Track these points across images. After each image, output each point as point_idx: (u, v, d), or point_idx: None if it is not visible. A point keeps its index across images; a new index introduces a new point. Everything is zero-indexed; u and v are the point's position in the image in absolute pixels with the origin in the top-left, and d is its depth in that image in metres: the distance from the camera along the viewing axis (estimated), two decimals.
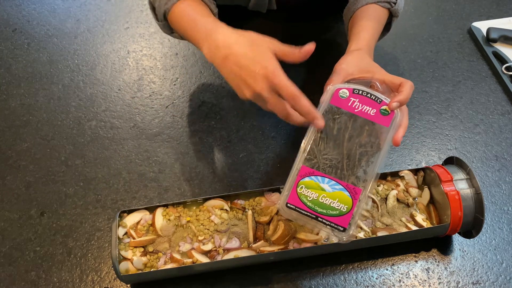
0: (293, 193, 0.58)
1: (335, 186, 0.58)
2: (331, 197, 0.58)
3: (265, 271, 0.70)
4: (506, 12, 1.07)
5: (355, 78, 0.64)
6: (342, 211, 0.57)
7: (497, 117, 0.89)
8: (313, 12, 1.07)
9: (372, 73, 0.64)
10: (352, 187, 0.58)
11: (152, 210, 0.70)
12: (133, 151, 0.85)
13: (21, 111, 0.92)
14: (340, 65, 0.65)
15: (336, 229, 0.57)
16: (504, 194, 0.79)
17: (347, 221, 0.57)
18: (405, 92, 0.60)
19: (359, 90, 0.60)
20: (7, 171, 0.83)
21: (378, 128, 0.59)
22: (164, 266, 0.65)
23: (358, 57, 0.67)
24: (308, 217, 0.58)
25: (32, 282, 0.70)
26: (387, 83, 0.63)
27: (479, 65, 0.98)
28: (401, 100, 0.59)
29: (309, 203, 0.58)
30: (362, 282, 0.69)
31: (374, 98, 0.60)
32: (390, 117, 0.59)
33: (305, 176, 0.58)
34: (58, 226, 0.76)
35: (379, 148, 0.59)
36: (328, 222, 0.58)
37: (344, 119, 0.60)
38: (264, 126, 0.88)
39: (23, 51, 1.03)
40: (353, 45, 0.70)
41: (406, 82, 0.61)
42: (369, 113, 0.60)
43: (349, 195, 0.58)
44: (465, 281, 0.69)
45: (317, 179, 0.58)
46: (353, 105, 0.60)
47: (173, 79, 0.97)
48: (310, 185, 0.58)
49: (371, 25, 0.72)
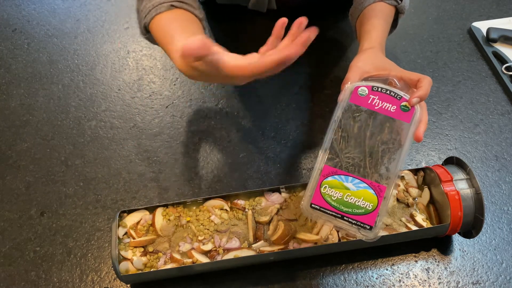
0: (317, 193, 0.58)
1: (359, 184, 0.57)
2: (355, 195, 0.57)
3: (265, 271, 0.70)
4: (506, 12, 1.07)
5: (371, 76, 0.64)
6: (367, 209, 0.57)
7: (497, 117, 0.89)
8: (313, 12, 1.07)
9: (388, 70, 0.64)
10: (376, 185, 0.57)
11: (152, 210, 0.70)
12: (133, 151, 0.85)
13: (21, 111, 0.92)
14: (356, 63, 0.65)
15: (363, 227, 0.57)
16: (504, 194, 0.79)
17: (374, 219, 0.57)
18: (424, 87, 0.59)
19: (378, 87, 0.60)
20: (7, 171, 0.83)
21: (399, 125, 0.59)
22: (164, 266, 0.65)
23: (372, 55, 0.66)
24: (333, 216, 0.58)
25: (32, 282, 0.70)
26: (405, 79, 0.62)
27: (479, 65, 0.98)
28: (421, 96, 0.59)
29: (333, 203, 0.57)
30: (362, 282, 0.69)
31: (394, 95, 0.60)
32: (411, 113, 0.59)
33: (328, 175, 0.58)
34: (58, 226, 0.76)
35: (400, 144, 0.58)
36: (354, 221, 0.57)
37: (364, 117, 0.59)
38: (264, 126, 0.88)
39: (23, 51, 1.03)
40: (365, 44, 0.69)
41: (425, 78, 0.61)
42: (389, 109, 0.59)
43: (374, 193, 0.57)
44: (465, 281, 0.69)
45: (340, 178, 0.58)
46: (373, 102, 0.60)
47: (173, 79, 0.97)
48: (334, 185, 0.58)
49: (380, 23, 0.73)
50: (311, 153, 0.84)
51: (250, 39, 1.04)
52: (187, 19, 0.68)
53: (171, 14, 0.67)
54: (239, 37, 1.03)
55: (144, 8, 0.69)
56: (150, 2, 0.68)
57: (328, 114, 0.89)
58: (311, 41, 0.49)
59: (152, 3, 0.67)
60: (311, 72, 0.96)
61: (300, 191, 0.72)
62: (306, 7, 1.08)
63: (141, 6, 0.70)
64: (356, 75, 0.63)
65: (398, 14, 0.78)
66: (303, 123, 0.88)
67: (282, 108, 0.90)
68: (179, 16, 0.67)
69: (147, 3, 0.68)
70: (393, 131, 0.59)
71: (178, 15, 0.67)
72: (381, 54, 0.68)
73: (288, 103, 0.91)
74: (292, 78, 0.95)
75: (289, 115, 0.89)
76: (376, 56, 0.67)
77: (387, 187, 0.57)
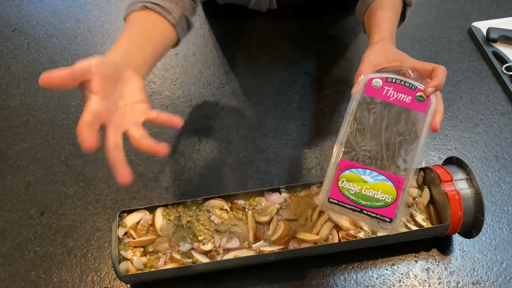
0: (335, 187, 0.57)
1: (377, 177, 0.57)
2: (374, 188, 0.57)
3: (265, 271, 0.70)
4: (506, 12, 1.07)
5: (384, 68, 0.63)
6: (387, 202, 0.56)
7: (497, 117, 0.89)
8: (313, 11, 1.07)
9: (401, 61, 0.63)
10: (395, 177, 0.57)
11: (152, 210, 0.70)
12: (133, 151, 0.85)
13: (21, 111, 0.92)
14: (368, 55, 0.64)
15: (383, 220, 0.56)
16: (504, 194, 0.79)
17: (393, 212, 0.56)
18: (439, 77, 0.59)
19: (392, 79, 0.60)
20: (7, 171, 0.83)
21: (415, 115, 0.58)
22: (164, 266, 0.65)
23: (384, 47, 0.66)
24: (352, 210, 0.57)
25: (32, 282, 0.70)
26: (418, 70, 0.62)
27: (479, 65, 0.98)
28: (436, 85, 0.58)
29: (352, 196, 0.57)
30: (362, 282, 0.69)
31: (409, 85, 0.59)
32: (426, 103, 0.59)
33: (345, 169, 0.57)
34: (58, 226, 0.76)
35: (417, 135, 0.58)
36: (374, 214, 0.56)
37: (379, 109, 0.59)
38: (264, 126, 0.88)
39: (23, 51, 1.03)
40: (376, 36, 0.69)
41: (439, 67, 0.60)
42: (404, 100, 0.59)
43: (393, 185, 0.56)
44: (465, 281, 0.69)
45: (358, 171, 0.57)
46: (388, 93, 0.59)
47: (173, 79, 0.97)
48: (351, 178, 0.57)
49: (389, 15, 0.72)
50: (311, 153, 0.84)
51: (251, 39, 1.04)
52: (151, 25, 0.66)
53: (140, 16, 0.65)
54: (239, 37, 1.03)
55: (129, 1, 0.68)
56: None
57: (328, 114, 0.89)
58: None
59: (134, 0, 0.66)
60: (311, 72, 0.96)
61: (301, 191, 0.72)
62: (306, 6, 1.08)
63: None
64: (369, 67, 0.62)
65: (406, 7, 0.78)
66: (303, 123, 0.88)
67: (282, 108, 0.90)
68: (145, 20, 0.65)
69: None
70: (409, 122, 0.58)
71: (145, 19, 0.65)
72: (392, 45, 0.67)
73: (288, 103, 0.91)
74: (292, 78, 0.95)
75: (289, 115, 0.89)
76: (387, 47, 0.66)
77: (406, 178, 0.57)
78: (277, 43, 1.02)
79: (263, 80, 0.95)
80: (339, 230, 0.68)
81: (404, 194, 0.56)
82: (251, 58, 0.99)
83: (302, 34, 1.04)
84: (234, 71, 0.97)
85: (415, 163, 0.57)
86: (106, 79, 0.50)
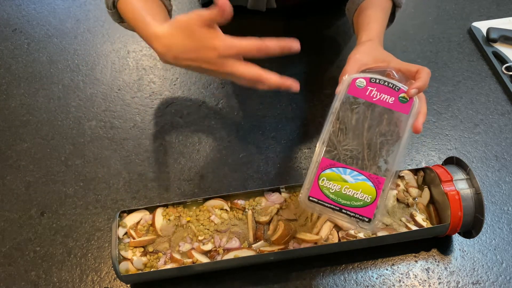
0: (315, 186, 0.57)
1: (358, 176, 0.57)
2: (354, 188, 0.57)
3: (265, 271, 0.70)
4: (506, 12, 1.07)
5: (370, 68, 0.63)
6: (366, 202, 0.56)
7: (497, 117, 0.89)
8: (312, 11, 1.07)
9: (387, 62, 0.64)
10: (375, 177, 0.57)
11: (152, 210, 0.70)
12: (133, 151, 0.85)
13: (21, 111, 0.92)
14: (354, 55, 0.65)
15: (361, 220, 0.56)
16: (504, 194, 0.79)
17: (372, 212, 0.56)
18: (423, 78, 0.59)
19: (376, 79, 0.60)
20: (7, 171, 0.83)
21: (397, 116, 0.58)
22: (164, 266, 0.65)
23: (371, 47, 0.66)
24: (332, 209, 0.57)
25: (32, 282, 0.70)
26: (403, 71, 0.62)
27: (479, 65, 0.98)
28: (419, 87, 0.58)
29: (332, 195, 0.57)
30: (362, 282, 0.69)
31: (392, 86, 0.59)
32: (409, 105, 0.59)
33: (326, 168, 0.58)
34: (58, 226, 0.76)
35: (399, 136, 0.58)
36: (353, 213, 0.56)
37: (362, 109, 0.59)
38: (264, 126, 0.88)
39: (23, 51, 1.03)
40: (364, 36, 0.69)
41: (423, 69, 0.61)
42: (387, 101, 0.59)
43: (373, 185, 0.57)
44: (465, 281, 0.69)
45: (338, 170, 0.57)
46: (371, 94, 0.59)
47: (173, 79, 0.97)
48: (332, 177, 0.57)
49: (378, 16, 0.72)
50: (311, 153, 0.84)
51: None
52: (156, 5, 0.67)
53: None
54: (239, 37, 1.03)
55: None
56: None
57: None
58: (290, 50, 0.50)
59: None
60: (311, 72, 0.96)
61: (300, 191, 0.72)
62: (305, 6, 1.08)
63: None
64: (354, 67, 0.62)
65: (395, 8, 0.78)
66: (303, 123, 0.88)
67: (282, 108, 0.90)
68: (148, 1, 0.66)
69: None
70: (392, 123, 0.58)
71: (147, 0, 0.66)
72: (379, 46, 0.68)
73: (288, 103, 0.91)
74: (295, 75, 0.95)
75: (289, 115, 0.89)
76: (374, 48, 0.66)
77: (386, 179, 0.57)
78: None
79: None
80: (339, 230, 0.68)
81: (384, 194, 0.57)
82: (251, 58, 0.99)
83: (301, 33, 1.04)
84: None
85: (396, 164, 0.57)
86: None
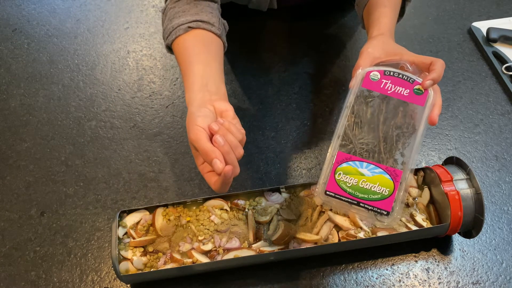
0: (331, 180, 0.57)
1: (375, 170, 0.57)
2: (371, 181, 0.56)
3: (265, 271, 0.70)
4: (506, 12, 1.07)
5: (383, 61, 0.63)
6: (384, 195, 0.56)
7: (497, 117, 0.89)
8: (313, 10, 1.07)
9: (400, 55, 0.63)
10: (392, 170, 0.56)
11: (152, 210, 0.70)
12: (133, 151, 0.85)
13: (21, 111, 0.92)
14: (367, 49, 0.64)
15: (380, 213, 0.56)
16: (504, 194, 0.79)
17: (390, 205, 0.56)
18: (438, 70, 0.59)
19: (390, 72, 0.60)
20: (7, 171, 0.83)
21: (413, 109, 0.58)
22: (164, 266, 0.65)
23: (382, 41, 0.66)
24: (349, 203, 0.57)
25: (32, 282, 0.70)
26: (417, 63, 0.62)
27: (479, 65, 0.98)
28: (434, 78, 0.58)
29: (349, 189, 0.56)
30: (362, 282, 0.69)
31: (406, 79, 0.59)
32: (424, 97, 0.58)
33: (342, 162, 0.57)
34: (58, 226, 0.76)
35: (415, 129, 0.58)
36: (371, 207, 0.56)
37: (377, 102, 0.59)
38: (264, 126, 0.88)
39: (23, 51, 1.03)
40: (375, 31, 0.69)
41: (437, 61, 0.60)
42: (402, 93, 0.59)
43: (390, 178, 0.56)
44: (465, 281, 0.69)
45: (355, 164, 0.57)
46: (386, 86, 0.59)
47: (173, 79, 0.97)
48: (349, 171, 0.57)
49: (389, 11, 0.72)
50: (311, 153, 0.84)
51: (251, 39, 1.04)
52: (205, 40, 0.67)
53: (189, 37, 0.67)
54: (239, 37, 1.03)
55: (166, 28, 0.69)
56: (170, 23, 0.68)
57: (328, 114, 0.89)
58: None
59: (172, 24, 0.67)
60: (311, 72, 0.96)
61: (301, 191, 0.72)
62: (306, 6, 1.08)
63: (163, 25, 0.70)
64: (367, 61, 0.62)
65: (405, 2, 0.78)
66: (303, 123, 0.88)
67: (282, 108, 0.91)
68: (197, 38, 0.67)
69: (168, 23, 0.69)
70: (407, 115, 0.58)
71: (197, 37, 0.67)
72: (391, 40, 0.67)
73: (288, 103, 0.91)
74: (292, 78, 0.95)
75: (289, 115, 0.89)
76: (386, 42, 0.66)
77: (403, 171, 0.56)
78: (277, 43, 1.02)
79: (263, 80, 0.95)
80: (339, 230, 0.68)
81: (402, 187, 0.56)
82: (251, 58, 0.99)
83: (302, 34, 1.04)
84: (234, 71, 0.97)
85: (413, 157, 0.57)
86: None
